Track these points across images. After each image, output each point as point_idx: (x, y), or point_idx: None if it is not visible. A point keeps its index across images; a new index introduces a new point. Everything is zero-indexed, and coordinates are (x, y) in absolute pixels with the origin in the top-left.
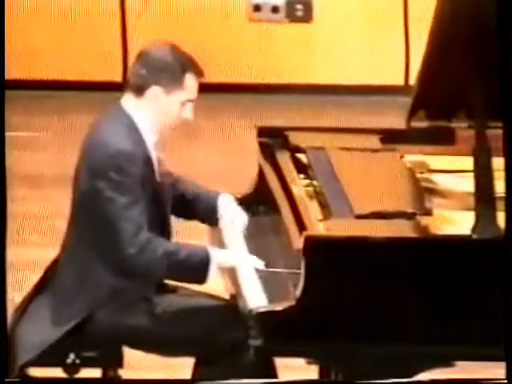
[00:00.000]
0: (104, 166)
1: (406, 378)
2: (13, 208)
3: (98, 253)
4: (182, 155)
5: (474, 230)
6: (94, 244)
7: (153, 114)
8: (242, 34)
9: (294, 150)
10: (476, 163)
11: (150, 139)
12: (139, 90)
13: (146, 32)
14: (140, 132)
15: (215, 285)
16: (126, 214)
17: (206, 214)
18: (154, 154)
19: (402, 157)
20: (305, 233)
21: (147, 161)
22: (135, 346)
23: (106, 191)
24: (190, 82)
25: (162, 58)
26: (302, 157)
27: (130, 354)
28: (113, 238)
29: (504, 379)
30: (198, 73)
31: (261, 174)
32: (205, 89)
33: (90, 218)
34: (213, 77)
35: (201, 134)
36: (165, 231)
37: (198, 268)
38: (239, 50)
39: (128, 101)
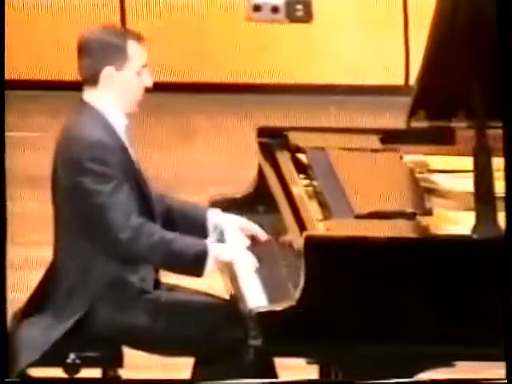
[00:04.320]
0: (81, 158)
1: (406, 377)
2: (13, 208)
3: (92, 246)
4: (181, 155)
5: (474, 230)
6: (86, 238)
7: (115, 96)
8: (241, 34)
9: (294, 150)
10: (476, 163)
11: (121, 126)
12: (93, 80)
13: (145, 33)
14: (109, 122)
15: (215, 285)
16: (112, 200)
17: (195, 229)
18: (127, 142)
19: (401, 157)
20: (305, 233)
21: (122, 149)
22: (135, 345)
23: (88, 183)
24: (134, 48)
25: (98, 39)
26: (302, 157)
27: (129, 354)
28: (104, 228)
29: (504, 379)
30: (138, 37)
31: (261, 174)
32: (205, 89)
33: (76, 213)
34: (213, 77)
35: (200, 134)
36: (154, 219)
37: (194, 260)
38: (239, 49)
39: (88, 95)
